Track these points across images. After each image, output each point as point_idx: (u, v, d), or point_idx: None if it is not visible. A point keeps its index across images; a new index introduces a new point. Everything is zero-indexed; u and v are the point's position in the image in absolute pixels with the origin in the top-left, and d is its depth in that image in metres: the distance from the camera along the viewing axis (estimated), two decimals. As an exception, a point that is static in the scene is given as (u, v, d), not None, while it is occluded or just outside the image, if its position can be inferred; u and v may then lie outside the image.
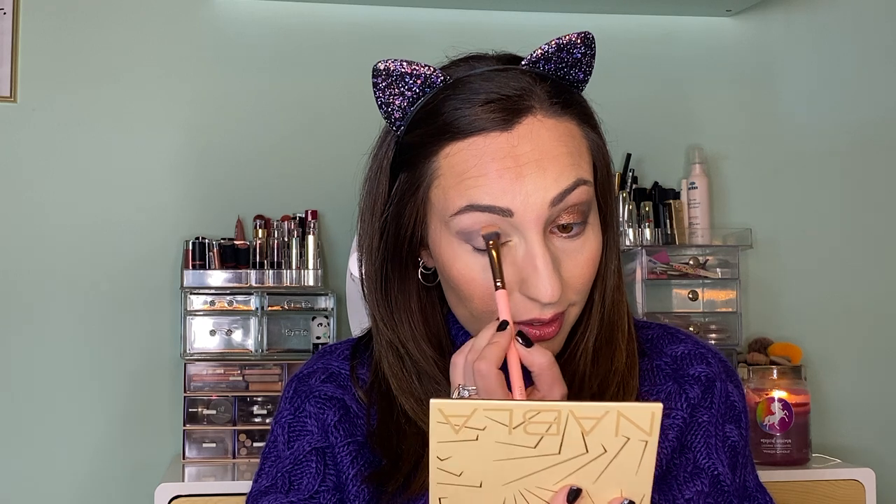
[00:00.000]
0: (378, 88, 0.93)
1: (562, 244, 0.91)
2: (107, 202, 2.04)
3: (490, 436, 0.74)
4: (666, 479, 0.99)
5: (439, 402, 0.74)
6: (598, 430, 0.73)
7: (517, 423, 0.73)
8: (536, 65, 0.93)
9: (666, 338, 1.06)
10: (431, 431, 0.74)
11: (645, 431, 0.73)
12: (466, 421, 0.73)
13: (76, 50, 2.05)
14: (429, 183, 0.92)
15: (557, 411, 0.73)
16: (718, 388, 1.02)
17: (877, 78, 2.29)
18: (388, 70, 0.92)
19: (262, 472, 1.02)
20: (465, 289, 0.92)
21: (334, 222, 2.08)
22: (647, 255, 2.06)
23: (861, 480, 1.83)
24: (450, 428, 0.74)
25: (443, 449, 0.75)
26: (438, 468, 0.76)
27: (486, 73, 0.92)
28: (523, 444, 0.74)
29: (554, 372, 0.87)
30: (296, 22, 2.12)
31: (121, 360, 2.02)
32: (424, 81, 0.93)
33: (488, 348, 0.86)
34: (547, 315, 0.91)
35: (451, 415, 0.73)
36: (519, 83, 0.91)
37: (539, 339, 0.91)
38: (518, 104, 0.90)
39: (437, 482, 0.76)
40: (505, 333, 0.86)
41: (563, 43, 0.93)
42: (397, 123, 0.95)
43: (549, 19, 2.17)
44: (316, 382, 1.04)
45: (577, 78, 0.95)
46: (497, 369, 0.85)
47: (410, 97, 0.93)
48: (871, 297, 2.25)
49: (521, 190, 0.88)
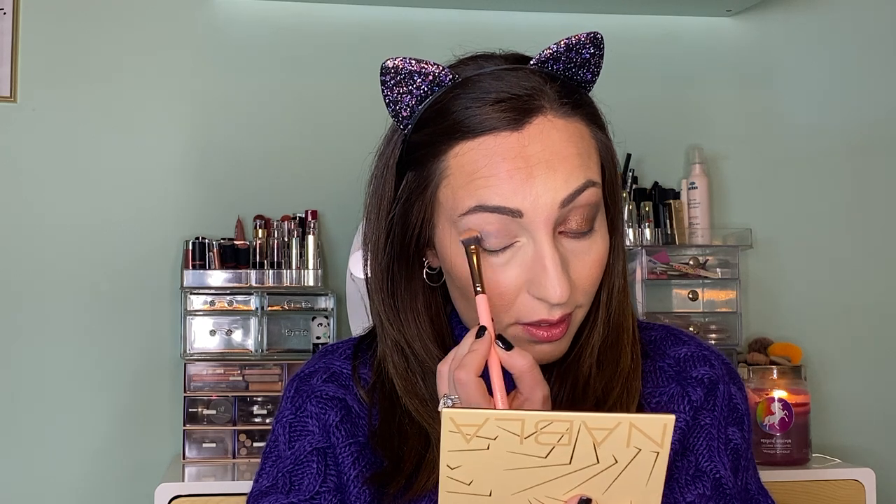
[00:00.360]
0: (386, 86, 0.93)
1: (570, 245, 0.91)
2: (107, 202, 2.04)
3: (501, 445, 0.74)
4: (668, 482, 0.98)
5: (451, 412, 0.74)
6: (609, 440, 0.73)
7: (529, 433, 0.73)
8: (545, 64, 0.93)
9: (669, 339, 1.06)
10: (443, 440, 0.74)
11: (656, 443, 0.73)
12: (478, 430, 0.73)
13: (76, 50, 2.05)
14: (437, 182, 0.92)
15: (570, 422, 0.73)
16: (721, 391, 1.02)
17: (877, 78, 2.29)
18: (397, 68, 0.92)
19: (262, 472, 1.02)
20: (471, 289, 0.92)
21: (334, 222, 2.08)
22: (647, 255, 2.06)
23: (861, 480, 1.83)
24: (461, 437, 0.74)
25: (453, 458, 0.75)
26: (448, 477, 0.75)
27: (495, 73, 0.92)
28: (534, 453, 0.74)
29: (535, 374, 0.87)
30: (296, 22, 2.12)
31: (121, 360, 2.02)
32: (433, 80, 0.92)
33: (467, 356, 0.86)
34: (555, 316, 0.90)
35: (462, 424, 0.73)
36: (529, 82, 0.91)
37: (546, 341, 0.91)
38: (528, 104, 0.90)
39: (446, 490, 0.76)
40: (483, 340, 0.86)
41: (572, 43, 0.92)
42: (405, 122, 0.94)
43: (549, 19, 2.17)
44: (317, 382, 1.03)
45: (585, 78, 0.95)
46: (476, 377, 0.85)
47: (419, 95, 0.93)
48: (871, 297, 2.25)
49: (532, 191, 0.88)
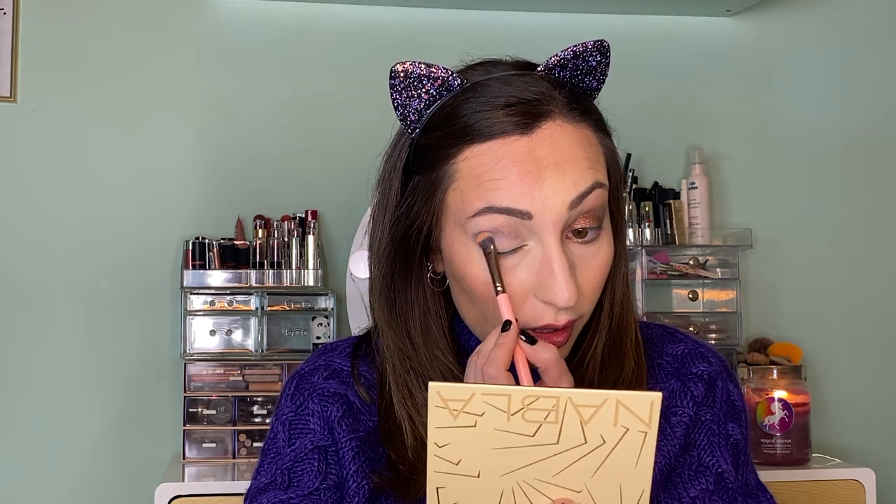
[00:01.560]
0: (395, 90, 0.93)
1: (577, 250, 0.91)
2: (107, 202, 2.04)
3: (488, 422, 0.74)
4: (671, 478, 0.99)
5: (438, 385, 0.74)
6: (596, 419, 0.73)
7: (516, 410, 0.73)
8: (552, 71, 0.94)
9: (665, 337, 1.07)
10: (430, 416, 0.74)
11: (644, 422, 0.73)
12: (465, 406, 0.73)
13: (76, 50, 2.05)
14: (446, 185, 0.92)
15: (556, 398, 0.73)
16: (720, 387, 1.03)
17: (877, 78, 2.29)
18: (406, 71, 0.92)
19: (261, 468, 1.02)
20: (479, 291, 0.92)
21: (334, 222, 2.08)
22: (647, 255, 2.06)
23: (861, 480, 1.83)
24: (448, 413, 0.74)
25: (441, 435, 0.75)
26: (436, 455, 0.75)
27: (504, 77, 0.92)
28: (522, 432, 0.74)
29: (561, 366, 0.88)
30: (296, 22, 2.12)
31: (121, 360, 2.02)
32: (442, 84, 0.92)
33: (495, 351, 0.86)
34: (561, 321, 0.91)
35: (449, 398, 0.73)
36: (538, 88, 0.91)
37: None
38: (538, 109, 0.90)
39: (434, 470, 0.76)
40: (510, 333, 0.87)
41: (579, 51, 0.93)
42: (412, 125, 0.95)
43: (551, 19, 2.17)
44: (318, 379, 1.04)
45: (591, 86, 0.96)
46: (505, 371, 0.86)
47: (427, 100, 0.93)
48: (871, 297, 2.25)
49: (541, 193, 0.88)
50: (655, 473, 0.96)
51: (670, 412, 1.00)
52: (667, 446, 0.99)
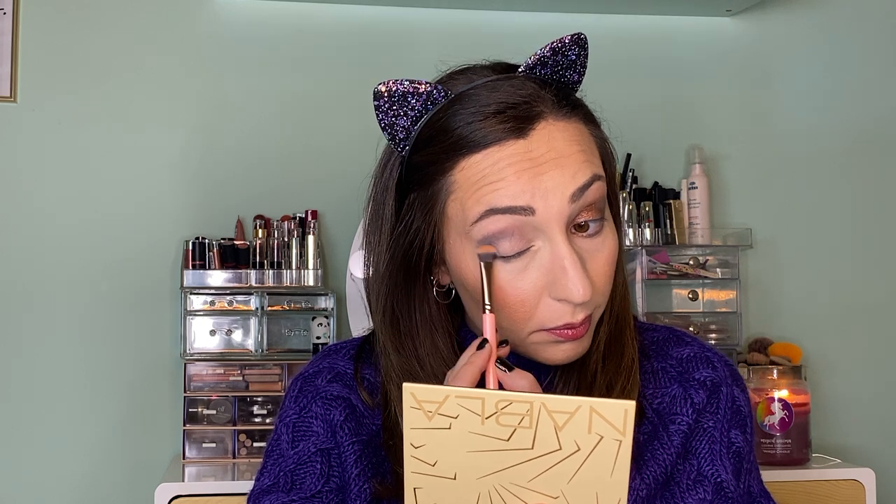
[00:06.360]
0: (380, 111, 0.92)
1: (583, 244, 0.91)
2: (107, 202, 2.04)
3: (463, 425, 0.74)
4: (669, 486, 0.98)
5: (411, 386, 0.74)
6: (570, 425, 0.73)
7: (490, 413, 0.73)
8: (534, 70, 0.93)
9: (672, 340, 1.06)
10: (405, 417, 0.74)
11: (618, 430, 0.73)
12: (439, 408, 0.73)
13: (76, 50, 2.05)
14: (444, 197, 0.91)
15: (530, 403, 0.73)
16: (724, 393, 1.02)
17: (877, 78, 2.29)
18: (390, 91, 0.91)
19: (264, 470, 1.02)
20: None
21: (334, 222, 2.08)
22: (647, 255, 2.06)
23: (861, 480, 1.83)
24: (422, 414, 0.74)
25: (416, 436, 0.75)
26: (412, 456, 0.75)
27: (489, 84, 0.91)
28: (496, 436, 0.74)
29: (537, 392, 0.87)
30: (296, 22, 2.12)
31: (121, 360, 2.02)
32: (427, 98, 0.92)
33: (463, 368, 0.86)
34: (578, 318, 0.90)
35: (423, 400, 0.73)
36: (526, 90, 0.91)
37: (570, 339, 0.91)
38: (529, 111, 0.90)
39: (411, 471, 0.76)
40: (482, 353, 0.86)
41: (557, 46, 0.92)
42: (402, 144, 0.94)
43: (549, 19, 2.17)
44: (322, 382, 1.03)
45: (573, 79, 0.95)
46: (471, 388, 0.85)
47: (414, 116, 0.92)
48: (871, 297, 2.25)
49: (541, 187, 0.88)
50: (651, 482, 0.96)
51: (669, 420, 1.00)
52: (663, 454, 0.98)
